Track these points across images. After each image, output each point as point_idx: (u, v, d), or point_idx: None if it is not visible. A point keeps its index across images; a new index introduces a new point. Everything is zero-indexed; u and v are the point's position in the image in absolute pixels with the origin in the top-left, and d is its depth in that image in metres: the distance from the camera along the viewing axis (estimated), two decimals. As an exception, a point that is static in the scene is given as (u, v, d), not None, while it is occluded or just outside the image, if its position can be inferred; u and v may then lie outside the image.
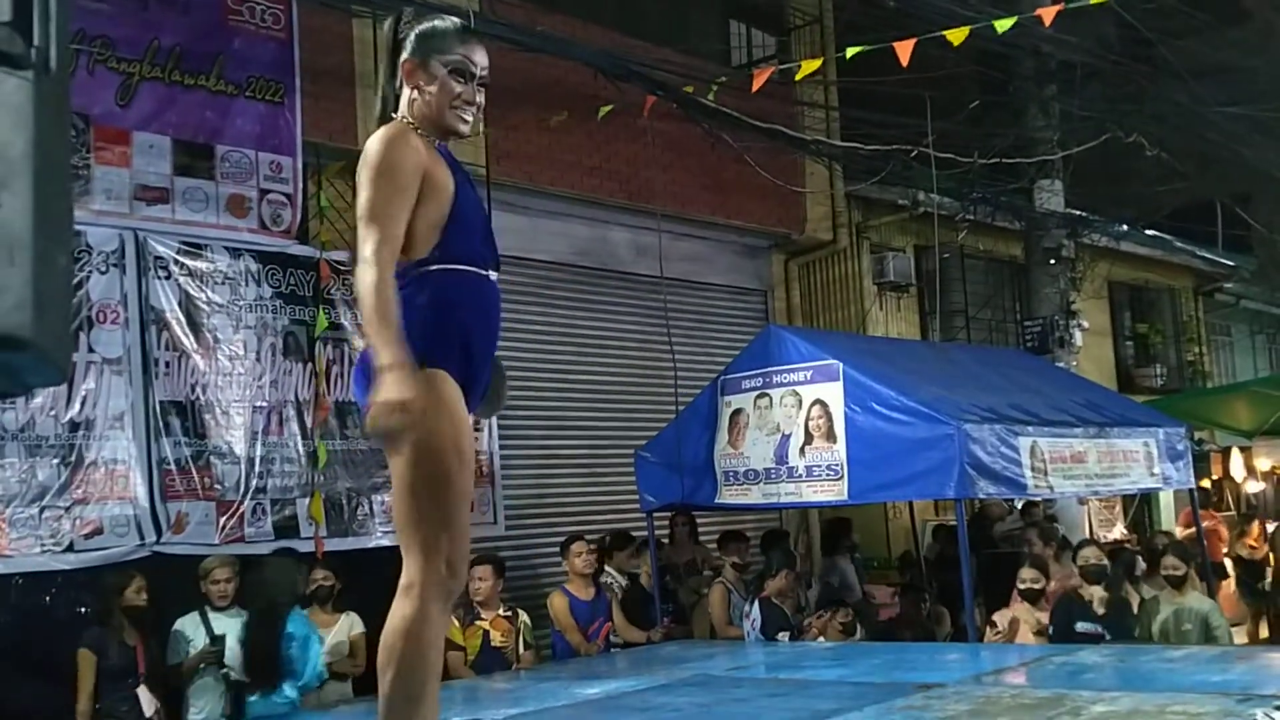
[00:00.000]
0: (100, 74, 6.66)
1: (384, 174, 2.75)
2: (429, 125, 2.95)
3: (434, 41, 2.94)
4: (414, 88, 2.94)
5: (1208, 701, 4.01)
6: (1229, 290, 17.85)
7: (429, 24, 2.99)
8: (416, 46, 2.94)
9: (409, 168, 2.79)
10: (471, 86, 2.97)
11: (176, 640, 6.22)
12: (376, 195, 2.73)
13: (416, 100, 2.94)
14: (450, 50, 2.94)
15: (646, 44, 9.51)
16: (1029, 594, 7.05)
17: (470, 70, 2.96)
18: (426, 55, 2.93)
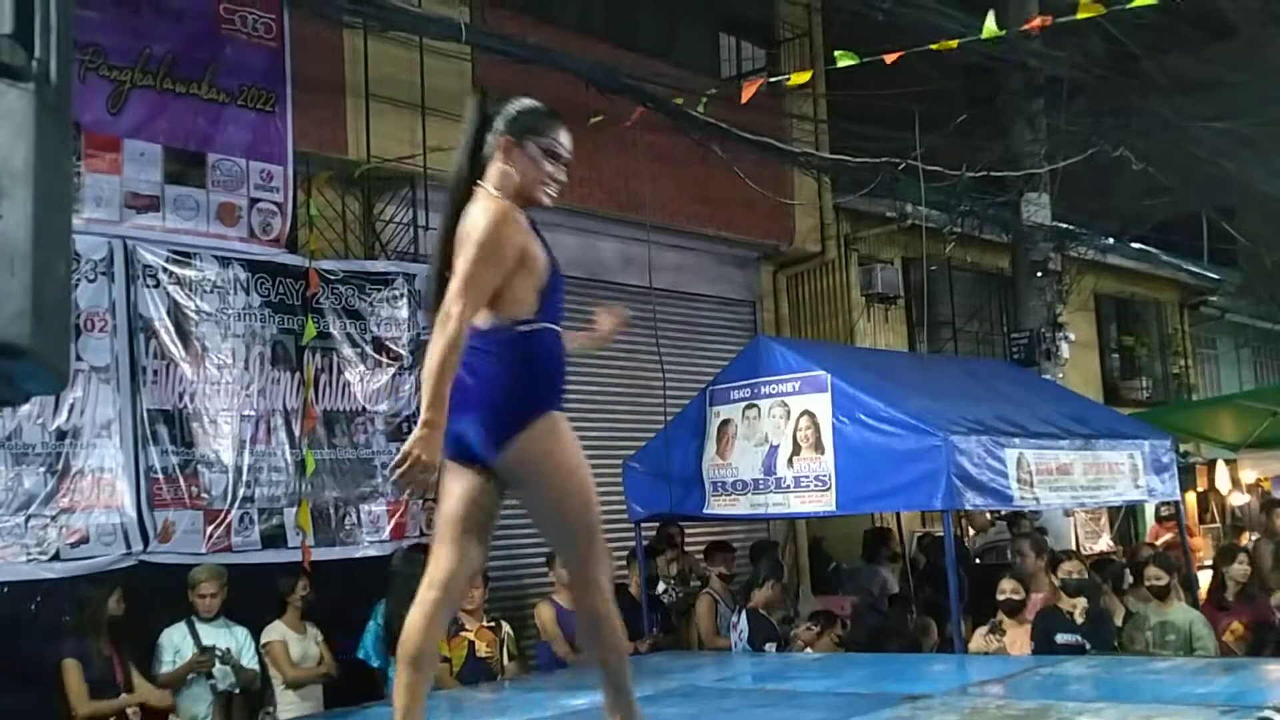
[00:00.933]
0: (91, 81, 6.65)
1: (488, 249, 3.08)
2: (517, 196, 3.25)
3: (531, 123, 3.29)
4: (507, 163, 3.26)
5: (1192, 713, 4.03)
6: (1214, 303, 17.94)
7: (522, 106, 3.32)
8: (513, 126, 3.27)
9: (510, 248, 3.13)
10: (559, 166, 3.32)
11: (162, 650, 6.21)
12: (477, 267, 3.06)
13: (509, 173, 3.25)
14: (545, 134, 3.29)
15: (637, 56, 9.55)
16: (1009, 605, 7.06)
17: (559, 153, 3.32)
18: (523, 135, 3.27)
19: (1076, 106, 11.26)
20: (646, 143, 9.47)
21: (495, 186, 3.23)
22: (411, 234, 8.34)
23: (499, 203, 3.17)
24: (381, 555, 7.56)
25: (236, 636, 6.43)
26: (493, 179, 3.25)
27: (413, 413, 7.67)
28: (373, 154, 8.04)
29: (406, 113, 8.22)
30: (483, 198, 3.20)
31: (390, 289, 7.68)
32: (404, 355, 7.68)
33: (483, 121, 3.30)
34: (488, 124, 3.29)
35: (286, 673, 6.49)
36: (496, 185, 3.24)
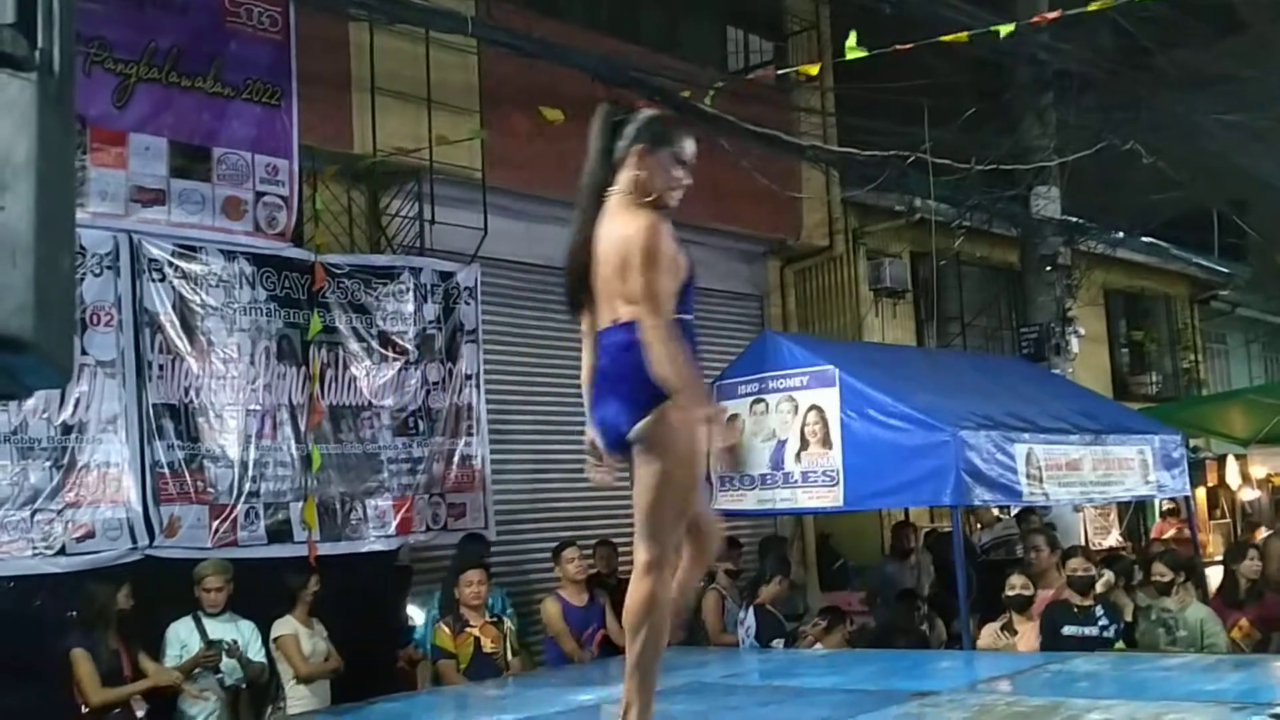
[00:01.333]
0: (97, 75, 6.63)
1: (656, 259, 3.38)
2: (651, 201, 3.51)
3: (662, 132, 3.56)
4: (640, 170, 3.50)
5: (1203, 710, 4.01)
6: (1224, 298, 17.87)
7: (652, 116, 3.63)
8: (645, 136, 3.52)
9: (669, 253, 3.43)
10: (685, 170, 3.56)
11: (169, 644, 6.20)
12: (653, 277, 3.37)
13: (642, 179, 3.50)
14: (675, 143, 3.54)
15: (644, 50, 9.51)
16: (1017, 601, 7.03)
17: (687, 160, 3.57)
18: (655, 144, 3.51)
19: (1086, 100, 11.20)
20: (653, 137, 9.42)
21: (631, 193, 3.48)
22: (417, 228, 8.31)
23: (650, 215, 3.43)
24: (388, 550, 7.55)
25: (242, 630, 6.42)
26: (628, 185, 3.49)
27: (419, 408, 7.66)
28: (379, 148, 8.01)
29: (412, 106, 8.20)
30: (628, 208, 3.46)
31: (396, 283, 7.66)
32: (410, 350, 7.65)
33: (612, 130, 3.54)
34: (616, 133, 3.53)
35: (299, 668, 6.48)
36: (632, 191, 3.48)
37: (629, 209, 3.45)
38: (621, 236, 3.41)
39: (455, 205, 8.41)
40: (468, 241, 8.30)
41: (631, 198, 3.48)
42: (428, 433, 7.73)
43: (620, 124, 3.56)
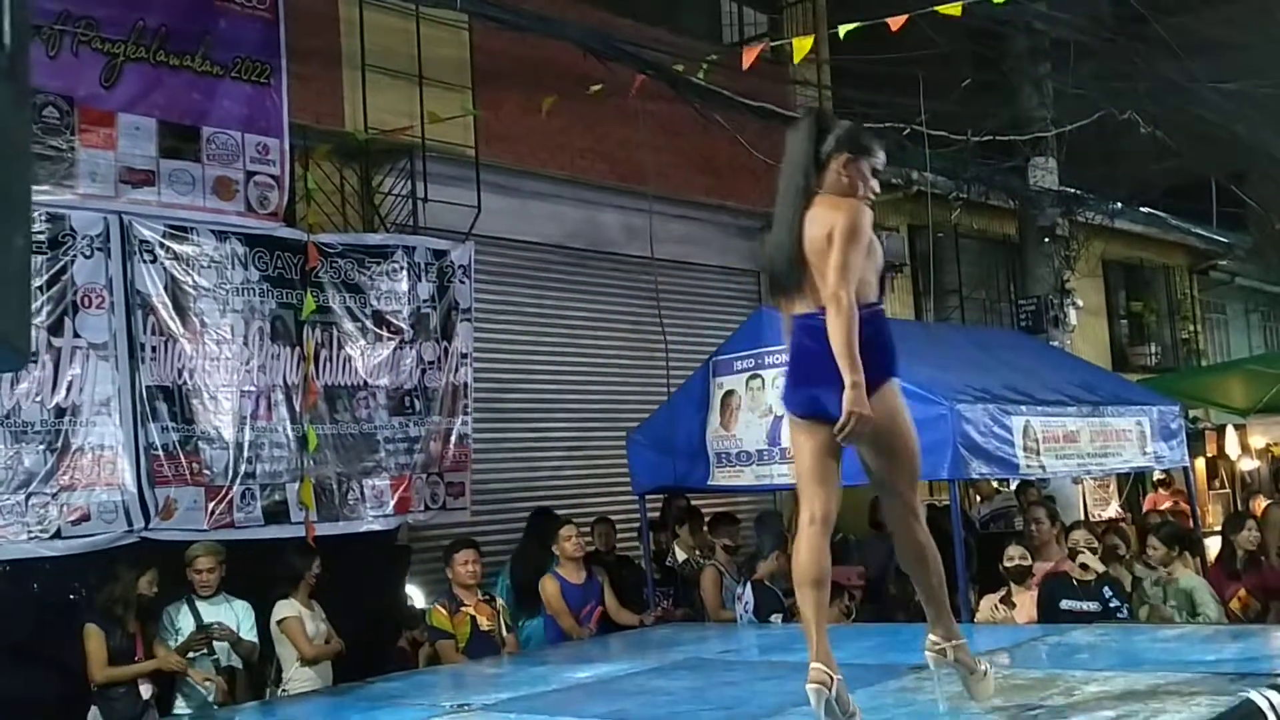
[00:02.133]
0: (84, 55, 6.57)
1: (857, 241, 3.69)
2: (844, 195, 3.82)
3: (865, 144, 3.92)
4: (844, 175, 3.84)
5: (1200, 681, 4.00)
6: (1224, 268, 17.81)
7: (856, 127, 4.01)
8: (850, 145, 3.87)
9: (867, 239, 3.76)
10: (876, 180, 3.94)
11: (164, 628, 6.21)
12: (852, 256, 3.68)
13: (843, 180, 3.84)
14: (874, 155, 3.92)
15: (637, 23, 9.44)
16: (1015, 572, 7.03)
17: (878, 169, 3.95)
18: (859, 154, 3.87)
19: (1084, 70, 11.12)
20: (648, 112, 9.37)
21: (839, 193, 3.82)
22: (410, 206, 8.27)
23: (858, 204, 3.79)
24: (386, 530, 7.54)
25: (236, 611, 6.42)
26: (831, 188, 3.83)
27: (414, 387, 7.64)
28: (370, 126, 7.96)
29: (404, 83, 8.14)
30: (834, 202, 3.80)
31: (390, 262, 7.62)
32: (404, 329, 7.62)
33: (818, 135, 3.87)
34: (822, 137, 3.86)
35: (305, 650, 6.48)
36: (839, 192, 3.82)
37: (832, 202, 3.80)
38: (829, 223, 3.74)
39: (448, 183, 8.36)
40: (461, 219, 8.26)
41: (833, 199, 3.83)
42: (424, 412, 7.70)
43: (824, 132, 3.89)
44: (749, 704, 4.42)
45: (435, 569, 7.62)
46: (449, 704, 4.86)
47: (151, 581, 6.13)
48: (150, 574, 6.13)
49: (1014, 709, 3.85)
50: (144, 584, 6.09)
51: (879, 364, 3.73)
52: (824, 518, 3.82)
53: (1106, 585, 6.79)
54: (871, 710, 4.04)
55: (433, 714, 4.70)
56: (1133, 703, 3.75)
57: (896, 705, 4.10)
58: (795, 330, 3.87)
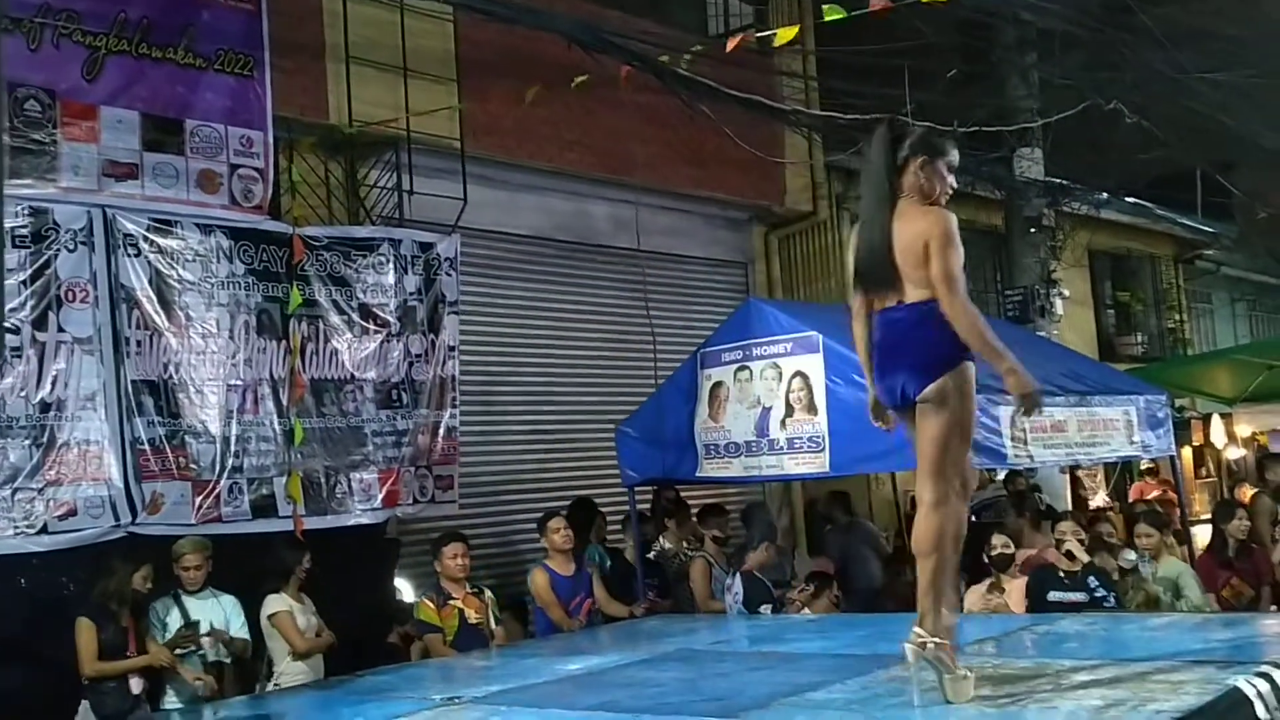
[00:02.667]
0: (66, 48, 6.53)
1: (954, 245, 4.01)
2: (924, 199, 4.12)
3: (940, 146, 4.20)
4: (920, 175, 4.12)
5: (1189, 670, 4.00)
6: (1209, 258, 17.87)
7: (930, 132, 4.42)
8: (925, 148, 4.14)
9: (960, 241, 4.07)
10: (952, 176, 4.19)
11: (152, 624, 6.19)
12: (953, 265, 3.99)
13: (921, 183, 4.12)
14: (948, 154, 4.18)
15: (623, 14, 9.41)
16: (999, 560, 7.05)
17: (954, 166, 4.20)
18: (934, 156, 4.13)
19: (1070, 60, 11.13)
20: (635, 104, 9.36)
21: (915, 196, 4.12)
22: (396, 199, 8.24)
23: (945, 212, 4.08)
24: (375, 524, 7.52)
25: (224, 606, 6.39)
26: (914, 189, 4.13)
27: (402, 380, 7.61)
28: (355, 118, 7.92)
29: (388, 75, 8.10)
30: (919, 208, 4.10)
31: (376, 255, 7.58)
32: (391, 322, 7.59)
33: (893, 145, 4.15)
34: (897, 147, 4.14)
35: (297, 644, 6.46)
36: (916, 195, 4.12)
37: (920, 209, 4.10)
38: (920, 230, 4.03)
39: (434, 175, 8.33)
40: (447, 212, 8.23)
41: (916, 200, 4.12)
42: (411, 405, 7.68)
43: (899, 139, 4.17)
44: (739, 695, 4.41)
45: (424, 562, 7.61)
46: (438, 697, 4.85)
47: (146, 577, 6.11)
48: (145, 569, 6.11)
49: (1002, 698, 3.86)
50: (138, 579, 6.07)
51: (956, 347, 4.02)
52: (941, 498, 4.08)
53: (1092, 575, 6.81)
54: (860, 701, 4.04)
55: (422, 707, 4.69)
56: (1121, 691, 3.76)
57: (888, 695, 4.10)
58: (879, 324, 4.21)
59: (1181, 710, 3.42)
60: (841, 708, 4.00)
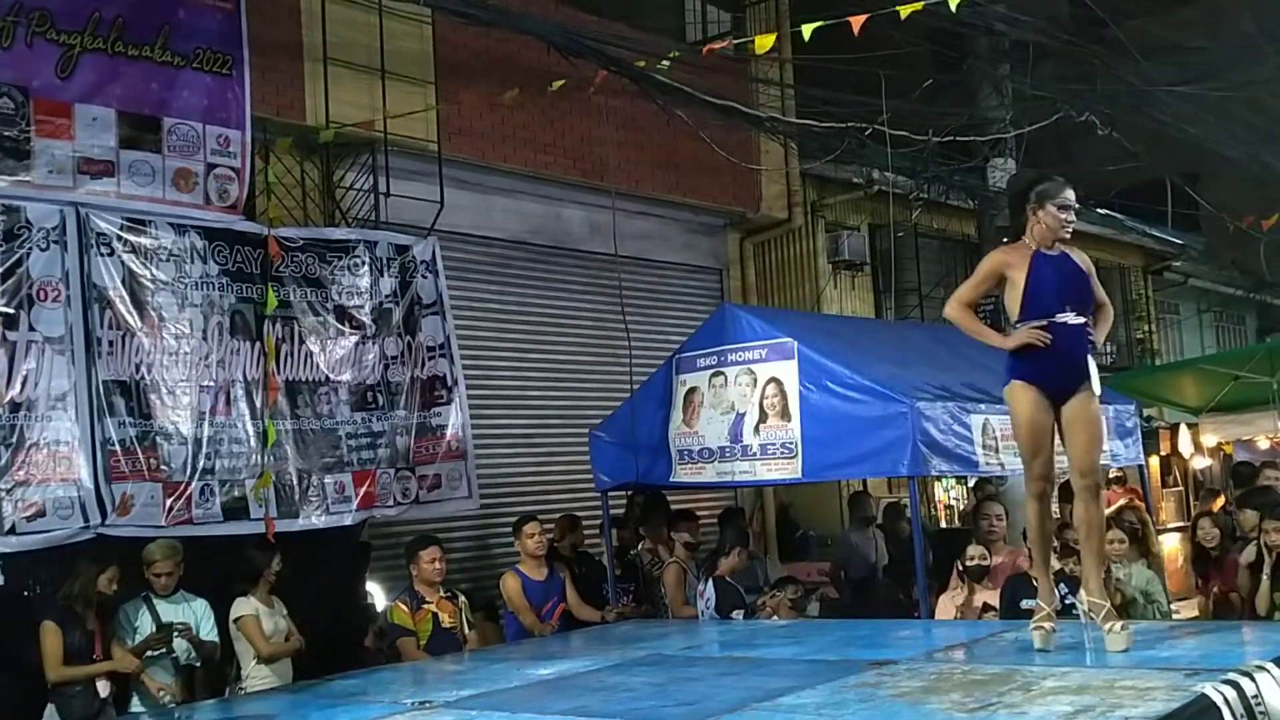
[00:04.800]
0: (39, 46, 6.49)
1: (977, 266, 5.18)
2: (1046, 239, 4.93)
3: (1046, 191, 4.94)
4: (1035, 220, 4.92)
5: (1156, 676, 4.04)
6: (1178, 269, 18.05)
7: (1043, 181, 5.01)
8: (1036, 196, 4.93)
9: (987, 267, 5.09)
10: (1069, 213, 4.93)
11: (121, 627, 6.14)
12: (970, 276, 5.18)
13: (1037, 226, 4.93)
14: (1056, 196, 4.92)
15: (600, 19, 9.43)
16: (974, 571, 7.08)
17: (1068, 204, 4.92)
18: (1043, 201, 4.92)
19: (1043, 71, 11.22)
20: (611, 109, 9.38)
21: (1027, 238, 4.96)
22: (372, 201, 8.22)
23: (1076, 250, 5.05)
24: (349, 527, 7.48)
25: (195, 609, 6.35)
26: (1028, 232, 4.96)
27: (377, 382, 7.59)
28: (332, 119, 7.90)
29: (366, 77, 8.09)
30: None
31: (351, 257, 7.57)
32: (367, 324, 7.57)
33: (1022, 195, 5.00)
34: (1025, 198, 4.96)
35: (261, 648, 6.43)
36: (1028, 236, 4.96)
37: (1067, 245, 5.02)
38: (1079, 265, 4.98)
39: (410, 177, 8.32)
40: (424, 214, 8.22)
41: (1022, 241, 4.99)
42: (388, 406, 7.66)
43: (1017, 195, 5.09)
44: (710, 700, 4.42)
45: (395, 566, 7.58)
46: (410, 701, 4.83)
47: (112, 579, 6.06)
48: (110, 571, 6.06)
49: (972, 703, 3.88)
50: (104, 581, 6.03)
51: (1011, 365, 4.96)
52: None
53: (1062, 582, 6.85)
54: (832, 705, 4.06)
55: (393, 711, 4.67)
56: (1089, 697, 3.79)
57: (858, 701, 4.12)
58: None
59: (1149, 716, 3.45)
60: (812, 712, 4.01)
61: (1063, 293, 4.86)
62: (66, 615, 5.92)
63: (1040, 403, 4.89)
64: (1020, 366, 4.91)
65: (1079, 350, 4.88)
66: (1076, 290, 4.91)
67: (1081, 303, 4.91)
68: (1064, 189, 4.92)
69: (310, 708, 5.21)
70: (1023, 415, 4.92)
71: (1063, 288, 4.87)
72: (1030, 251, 4.92)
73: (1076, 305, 4.88)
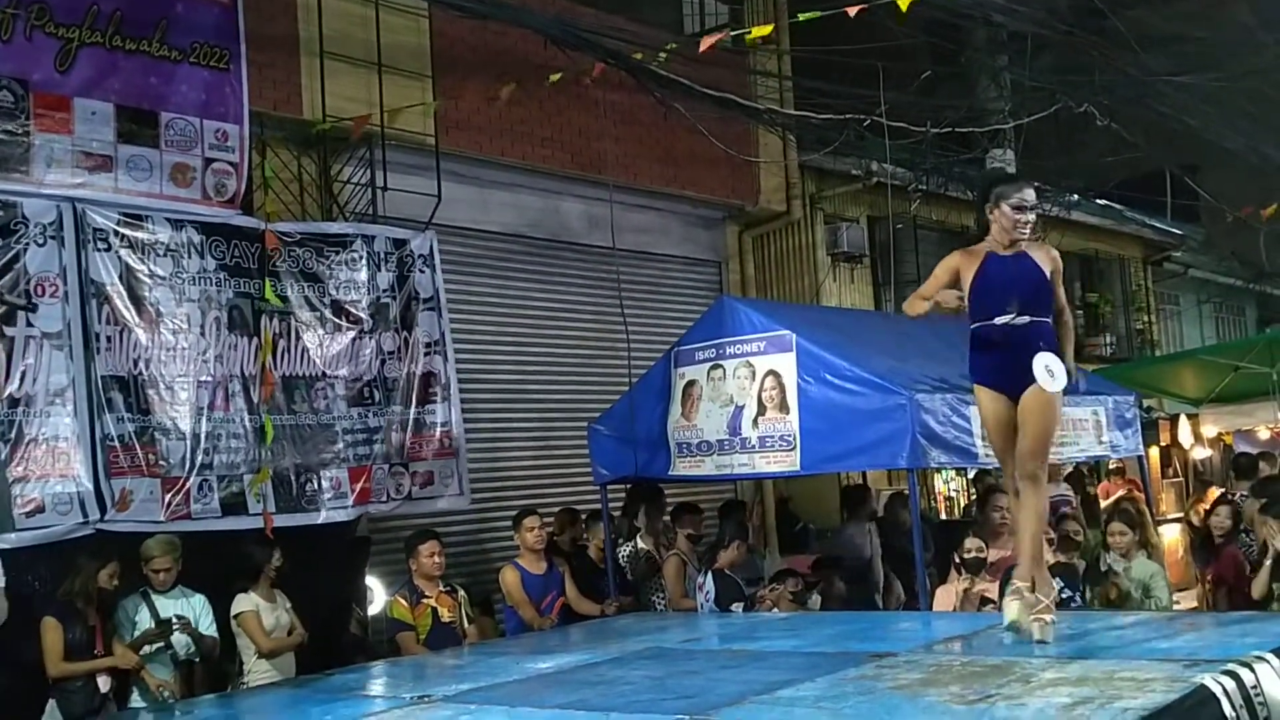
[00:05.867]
0: (38, 39, 6.48)
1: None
2: (1002, 239, 4.91)
3: (1000, 192, 4.92)
4: (994, 220, 4.91)
5: (1155, 668, 4.04)
6: (1177, 260, 18.04)
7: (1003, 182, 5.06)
8: (994, 196, 4.91)
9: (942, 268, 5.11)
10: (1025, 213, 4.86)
11: (120, 623, 6.14)
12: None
13: (994, 226, 4.92)
14: (1012, 197, 4.87)
15: (598, 11, 9.40)
16: (972, 564, 7.08)
17: (1024, 204, 4.86)
18: (999, 201, 4.89)
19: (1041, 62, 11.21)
20: (609, 101, 9.36)
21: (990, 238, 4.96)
22: (370, 195, 8.20)
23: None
24: (346, 522, 7.49)
25: (194, 605, 6.35)
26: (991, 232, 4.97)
27: (374, 377, 7.60)
28: (329, 113, 7.88)
29: (363, 70, 8.07)
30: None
31: (349, 251, 7.56)
32: (364, 319, 7.56)
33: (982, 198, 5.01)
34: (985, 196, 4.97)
35: (261, 643, 6.44)
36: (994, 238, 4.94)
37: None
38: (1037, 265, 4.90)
39: (408, 171, 8.30)
40: (421, 208, 8.21)
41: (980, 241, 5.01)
42: (384, 402, 7.66)
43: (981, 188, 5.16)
44: (710, 693, 4.42)
45: (394, 560, 7.58)
46: (409, 695, 4.83)
47: (112, 574, 6.07)
48: (111, 566, 6.07)
49: (971, 695, 3.88)
50: (104, 577, 6.03)
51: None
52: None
53: (1060, 575, 6.86)
54: (831, 698, 4.06)
55: (393, 705, 4.67)
56: (1088, 689, 3.79)
57: (858, 693, 4.12)
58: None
59: (1148, 708, 3.45)
60: (811, 705, 4.01)
61: (1008, 294, 4.80)
62: (67, 611, 5.92)
63: (1000, 402, 4.91)
64: (976, 369, 4.98)
65: (1028, 352, 4.77)
66: (1029, 291, 4.82)
67: (1033, 304, 4.82)
68: (1021, 189, 4.89)
69: (309, 702, 5.20)
70: (985, 416, 5.02)
71: (1009, 289, 4.80)
72: (984, 252, 4.92)
73: (1027, 307, 4.79)
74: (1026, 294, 4.80)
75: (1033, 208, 4.87)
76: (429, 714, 4.45)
